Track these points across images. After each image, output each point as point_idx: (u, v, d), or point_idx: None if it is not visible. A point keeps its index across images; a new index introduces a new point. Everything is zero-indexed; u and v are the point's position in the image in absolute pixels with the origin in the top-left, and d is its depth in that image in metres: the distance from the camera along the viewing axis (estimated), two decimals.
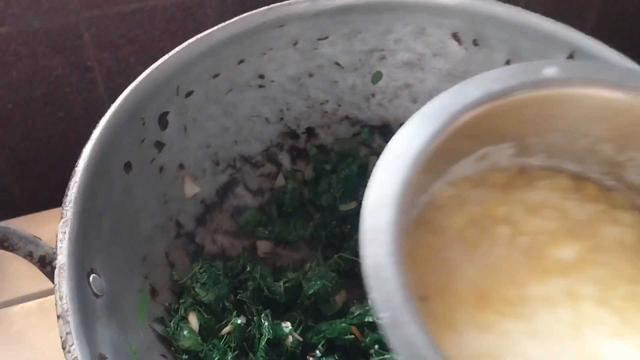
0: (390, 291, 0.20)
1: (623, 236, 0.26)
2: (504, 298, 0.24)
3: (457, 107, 0.22)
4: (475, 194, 0.27)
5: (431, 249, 0.26)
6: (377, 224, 0.21)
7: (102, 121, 0.42)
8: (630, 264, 0.25)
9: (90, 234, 0.39)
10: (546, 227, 0.26)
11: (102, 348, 0.36)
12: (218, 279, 0.47)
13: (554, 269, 0.25)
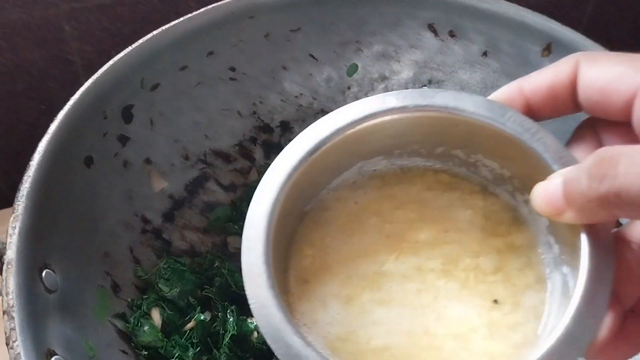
0: (258, 284, 0.26)
1: (472, 218, 0.31)
2: (365, 275, 0.30)
3: (327, 132, 0.28)
4: (355, 195, 0.32)
5: (317, 240, 0.31)
6: (252, 234, 0.27)
7: (59, 115, 0.41)
8: (475, 241, 0.30)
9: (44, 229, 0.38)
10: (408, 217, 0.31)
11: (52, 344, 0.36)
12: (183, 275, 0.46)
13: (409, 249, 0.30)
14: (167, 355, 0.43)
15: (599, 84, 0.26)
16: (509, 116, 0.28)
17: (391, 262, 0.30)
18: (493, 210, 0.31)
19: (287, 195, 0.28)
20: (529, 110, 0.28)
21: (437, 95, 0.28)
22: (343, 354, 0.28)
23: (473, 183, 0.32)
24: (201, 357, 0.44)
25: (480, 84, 0.52)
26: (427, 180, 0.32)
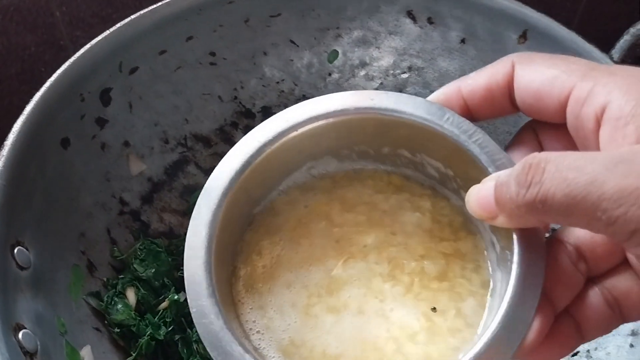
0: (198, 293, 0.27)
1: (420, 221, 0.31)
2: (317, 282, 0.30)
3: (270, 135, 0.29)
4: (304, 198, 0.32)
5: (267, 249, 0.31)
6: (194, 243, 0.28)
7: (35, 96, 0.42)
8: (421, 244, 0.31)
9: (17, 207, 0.39)
10: (357, 220, 0.31)
11: (21, 319, 0.37)
12: (159, 256, 0.47)
13: (357, 253, 0.30)
14: (139, 333, 0.44)
15: (533, 87, 0.26)
16: (447, 118, 0.28)
17: (340, 268, 0.30)
18: (442, 214, 0.31)
19: (232, 200, 0.28)
20: (467, 111, 0.28)
21: (378, 97, 0.29)
22: (296, 359, 0.28)
23: (423, 186, 0.32)
24: (174, 336, 0.45)
25: (459, 71, 0.52)
26: (378, 182, 0.32)
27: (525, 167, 0.23)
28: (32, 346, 0.36)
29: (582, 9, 0.79)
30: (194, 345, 0.44)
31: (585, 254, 0.26)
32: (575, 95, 0.25)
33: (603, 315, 0.26)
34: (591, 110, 0.24)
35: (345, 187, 0.32)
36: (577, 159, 0.22)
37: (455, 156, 0.29)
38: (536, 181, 0.22)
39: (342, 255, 0.30)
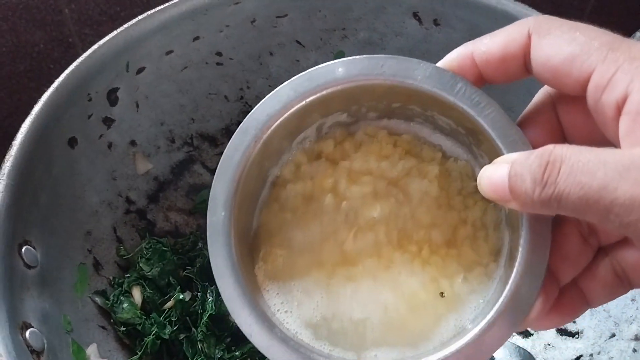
0: (219, 257, 0.29)
1: (427, 188, 0.31)
2: (332, 258, 0.31)
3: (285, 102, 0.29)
4: (310, 169, 0.32)
5: (280, 222, 0.32)
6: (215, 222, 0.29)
7: (43, 96, 0.43)
8: (429, 213, 0.31)
9: (25, 207, 0.40)
10: (363, 191, 0.31)
11: (28, 317, 0.37)
12: (164, 255, 0.48)
13: (365, 225, 0.31)
14: (145, 332, 0.45)
15: (550, 64, 0.26)
16: (459, 88, 0.27)
17: (350, 241, 0.31)
18: (451, 180, 0.31)
19: (246, 177, 0.29)
20: (479, 76, 0.28)
21: (388, 64, 0.28)
22: (327, 332, 0.30)
23: (434, 148, 0.32)
24: (179, 335, 0.45)
25: None
26: (385, 146, 0.32)
27: (542, 164, 0.23)
28: (38, 345, 0.36)
29: (589, 9, 0.78)
30: (198, 345, 0.44)
31: (597, 227, 0.27)
32: (596, 80, 0.24)
33: (611, 285, 0.28)
34: (612, 99, 0.24)
35: (352, 155, 0.32)
36: (590, 160, 0.22)
37: (467, 122, 0.28)
38: (552, 181, 0.23)
39: (351, 228, 0.31)
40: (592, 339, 0.44)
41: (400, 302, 0.30)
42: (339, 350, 0.29)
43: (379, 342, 0.29)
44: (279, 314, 0.30)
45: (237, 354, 0.46)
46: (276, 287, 0.31)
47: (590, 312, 0.46)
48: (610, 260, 0.28)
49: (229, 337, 0.47)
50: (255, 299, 0.29)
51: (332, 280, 0.31)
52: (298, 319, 0.30)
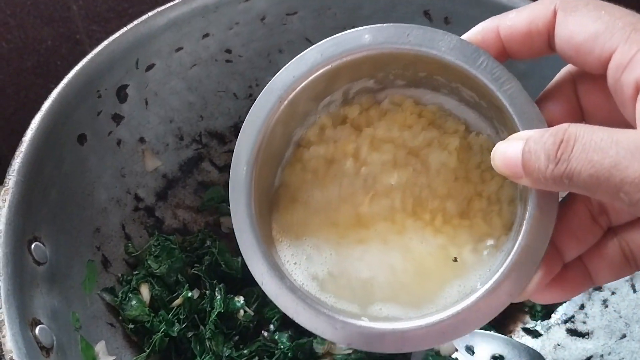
0: (238, 209, 0.30)
1: (446, 159, 0.32)
2: (347, 219, 0.32)
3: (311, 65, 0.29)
4: (334, 133, 0.33)
5: (301, 181, 0.33)
6: (237, 179, 0.30)
7: (53, 93, 0.43)
8: (445, 184, 0.32)
9: (35, 203, 0.40)
10: (383, 159, 0.32)
11: (37, 313, 0.37)
12: (172, 253, 0.47)
13: (382, 191, 0.32)
14: (153, 329, 0.44)
15: (574, 42, 0.26)
16: (481, 62, 0.28)
17: (366, 205, 0.32)
18: (470, 153, 0.32)
19: (270, 135, 0.30)
20: (503, 51, 0.28)
21: (413, 33, 0.29)
22: (334, 289, 0.31)
23: (458, 121, 0.32)
24: (187, 333, 0.45)
25: None
26: (408, 116, 0.32)
27: (556, 141, 0.24)
28: (48, 341, 0.36)
29: None
30: (206, 343, 0.44)
31: (608, 207, 0.28)
32: (617, 59, 0.25)
33: (617, 265, 0.28)
34: (631, 78, 0.24)
35: (375, 123, 0.32)
36: (603, 139, 0.23)
37: (487, 96, 0.29)
38: (564, 158, 0.24)
39: (368, 192, 0.32)
40: (602, 339, 0.44)
41: (408, 265, 0.31)
42: (344, 302, 0.31)
43: (384, 299, 0.31)
44: (288, 265, 0.31)
45: (245, 352, 0.46)
46: (289, 240, 0.32)
47: (601, 312, 0.45)
48: (619, 241, 0.28)
49: (237, 335, 0.47)
50: (269, 250, 0.30)
51: (344, 240, 0.32)
52: (305, 272, 0.31)
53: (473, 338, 0.46)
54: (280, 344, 0.47)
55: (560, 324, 0.47)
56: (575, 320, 0.47)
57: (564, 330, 0.47)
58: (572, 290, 0.29)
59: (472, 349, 0.46)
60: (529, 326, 0.48)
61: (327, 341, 0.47)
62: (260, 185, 0.31)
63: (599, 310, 0.46)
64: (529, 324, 0.48)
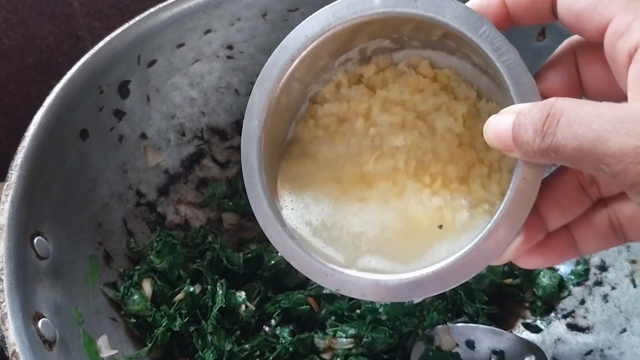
0: (248, 158, 0.32)
1: (452, 125, 0.33)
2: (350, 176, 0.34)
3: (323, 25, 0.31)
4: (348, 93, 0.34)
5: (312, 136, 0.35)
6: (249, 129, 0.32)
7: (55, 88, 0.43)
8: (448, 149, 0.33)
9: (37, 198, 0.40)
10: (392, 121, 0.33)
11: (40, 307, 0.37)
12: (174, 248, 0.48)
13: (387, 152, 0.34)
14: (155, 324, 0.45)
15: (575, 9, 0.26)
16: (483, 31, 0.28)
17: (371, 164, 0.34)
18: (478, 119, 0.33)
19: (283, 89, 0.32)
20: (507, 17, 0.29)
21: (419, 0, 0.30)
22: (325, 237, 0.33)
23: (471, 87, 0.33)
24: (189, 327, 0.46)
25: None
26: (422, 80, 0.33)
27: (543, 116, 0.25)
28: (51, 335, 0.36)
29: None
30: (208, 337, 0.44)
31: (598, 179, 0.29)
32: (614, 27, 0.25)
33: (604, 234, 0.29)
34: (625, 46, 0.25)
35: (389, 85, 0.34)
36: (587, 112, 0.24)
37: (488, 65, 0.30)
38: (550, 132, 0.24)
39: (374, 152, 0.34)
40: (603, 334, 0.44)
41: (400, 224, 0.33)
42: (331, 250, 0.33)
43: (373, 252, 0.32)
44: (285, 210, 0.34)
45: (247, 347, 0.46)
46: (291, 189, 0.34)
47: (601, 307, 0.45)
48: (608, 212, 0.29)
49: (238, 330, 0.47)
50: (273, 198, 0.33)
51: (343, 197, 0.34)
52: (300, 218, 0.34)
53: (474, 333, 0.46)
54: (281, 338, 0.48)
55: (560, 319, 0.47)
56: (575, 315, 0.47)
57: (564, 325, 0.47)
58: (555, 258, 0.31)
59: (472, 344, 0.46)
60: (529, 321, 0.48)
61: (329, 336, 0.47)
62: (271, 137, 0.33)
63: (599, 305, 0.46)
64: (529, 319, 0.48)
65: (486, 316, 0.47)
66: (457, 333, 0.46)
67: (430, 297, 0.48)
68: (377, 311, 0.48)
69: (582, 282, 0.48)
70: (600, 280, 0.47)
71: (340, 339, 0.47)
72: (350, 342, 0.47)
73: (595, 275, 0.47)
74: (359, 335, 0.47)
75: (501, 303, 0.49)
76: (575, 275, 0.48)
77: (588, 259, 0.48)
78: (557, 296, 0.48)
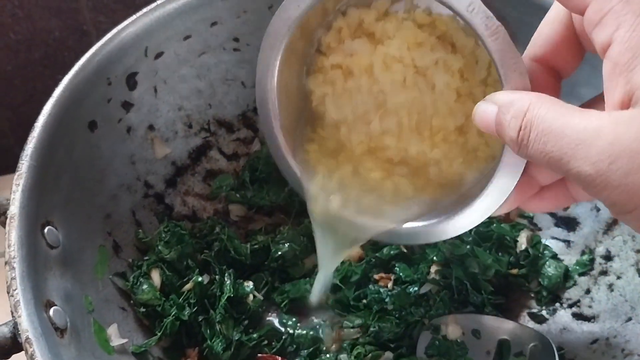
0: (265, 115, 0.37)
1: (450, 81, 0.34)
2: (356, 136, 0.37)
3: None
4: (351, 45, 0.35)
5: (322, 94, 0.37)
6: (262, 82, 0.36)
7: (64, 80, 0.43)
8: (447, 104, 0.35)
9: (47, 188, 0.40)
10: (394, 78, 0.35)
11: (51, 295, 0.37)
12: (183, 239, 0.48)
13: (391, 108, 0.36)
14: (164, 313, 0.45)
15: None
16: (472, 8, 0.29)
17: (377, 122, 0.36)
18: (476, 68, 0.33)
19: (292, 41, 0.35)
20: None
21: None
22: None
23: (469, 34, 0.33)
24: (197, 317, 0.46)
25: None
26: (419, 34, 0.34)
27: (517, 127, 0.27)
28: (62, 322, 0.36)
29: None
30: (217, 327, 0.45)
31: None
32: (589, 15, 0.26)
33: None
34: (599, 39, 0.26)
35: (386, 42, 0.35)
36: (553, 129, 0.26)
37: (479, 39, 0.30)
38: (524, 145, 0.27)
39: (379, 109, 0.36)
40: (608, 323, 0.44)
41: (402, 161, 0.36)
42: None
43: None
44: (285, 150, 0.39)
45: (255, 336, 0.46)
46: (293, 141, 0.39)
47: (607, 296, 0.46)
48: None
49: (246, 319, 0.47)
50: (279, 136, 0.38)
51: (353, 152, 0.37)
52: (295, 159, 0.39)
53: (480, 322, 0.46)
54: (288, 328, 0.48)
55: (566, 309, 0.48)
56: (581, 305, 0.47)
57: (569, 314, 0.47)
58: (551, 206, 0.35)
59: (478, 333, 0.46)
60: (534, 311, 0.49)
61: (335, 326, 0.48)
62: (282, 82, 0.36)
63: (604, 294, 0.46)
64: (535, 309, 0.49)
65: (492, 306, 0.48)
66: (463, 322, 0.46)
67: (436, 287, 0.48)
68: (383, 301, 0.48)
69: (588, 272, 0.48)
70: (605, 270, 0.47)
71: (347, 330, 0.48)
72: (356, 331, 0.48)
73: (600, 264, 0.47)
74: (365, 325, 0.47)
75: (507, 293, 0.49)
76: (581, 265, 0.48)
77: (593, 248, 0.48)
78: (562, 286, 0.49)
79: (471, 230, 0.51)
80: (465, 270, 0.48)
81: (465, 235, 0.51)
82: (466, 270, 0.48)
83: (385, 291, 0.49)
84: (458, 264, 0.48)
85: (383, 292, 0.48)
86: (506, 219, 0.53)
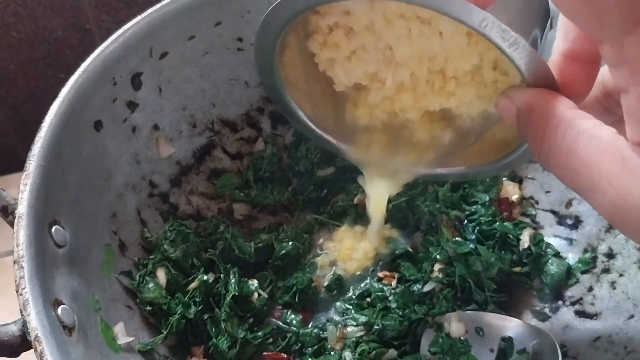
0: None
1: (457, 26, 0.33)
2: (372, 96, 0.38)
3: None
4: (345, 3, 0.34)
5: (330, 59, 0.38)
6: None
7: (70, 80, 0.43)
8: (459, 47, 0.34)
9: (54, 187, 0.40)
10: (398, 33, 0.34)
11: (59, 294, 0.38)
12: (188, 237, 0.48)
13: (402, 63, 0.36)
14: (170, 311, 0.45)
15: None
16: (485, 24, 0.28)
17: (390, 79, 0.36)
18: None
19: None
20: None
21: None
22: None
23: None
24: (203, 315, 0.46)
25: None
26: None
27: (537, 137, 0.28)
28: (70, 320, 0.37)
29: None
30: (222, 325, 0.45)
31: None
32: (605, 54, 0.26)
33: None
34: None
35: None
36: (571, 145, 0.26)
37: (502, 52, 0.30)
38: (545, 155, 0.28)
39: (389, 66, 0.36)
40: (610, 320, 0.45)
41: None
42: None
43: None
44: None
45: (260, 334, 0.47)
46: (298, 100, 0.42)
47: (609, 294, 0.46)
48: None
49: (251, 317, 0.48)
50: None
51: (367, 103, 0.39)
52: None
53: (483, 320, 0.47)
54: (293, 326, 0.48)
55: (568, 306, 0.48)
56: (583, 302, 0.47)
57: (572, 312, 0.47)
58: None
59: (481, 331, 0.46)
60: (537, 308, 0.49)
61: (340, 325, 0.48)
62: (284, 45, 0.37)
63: (607, 292, 0.46)
64: (538, 307, 0.49)
65: (495, 304, 0.48)
66: (466, 320, 0.47)
67: (440, 285, 0.48)
68: (387, 299, 0.48)
69: (590, 270, 0.48)
70: (607, 268, 0.47)
71: (351, 328, 0.48)
72: (360, 329, 0.48)
73: (602, 262, 0.48)
74: (369, 323, 0.48)
75: (510, 291, 0.50)
76: (583, 263, 0.49)
77: (596, 246, 0.49)
78: (565, 284, 0.49)
79: (474, 229, 0.51)
80: (468, 269, 0.48)
81: (468, 233, 0.51)
82: (469, 268, 0.48)
83: (389, 289, 0.49)
84: (461, 262, 0.49)
85: (387, 290, 0.49)
86: (509, 218, 0.53)
